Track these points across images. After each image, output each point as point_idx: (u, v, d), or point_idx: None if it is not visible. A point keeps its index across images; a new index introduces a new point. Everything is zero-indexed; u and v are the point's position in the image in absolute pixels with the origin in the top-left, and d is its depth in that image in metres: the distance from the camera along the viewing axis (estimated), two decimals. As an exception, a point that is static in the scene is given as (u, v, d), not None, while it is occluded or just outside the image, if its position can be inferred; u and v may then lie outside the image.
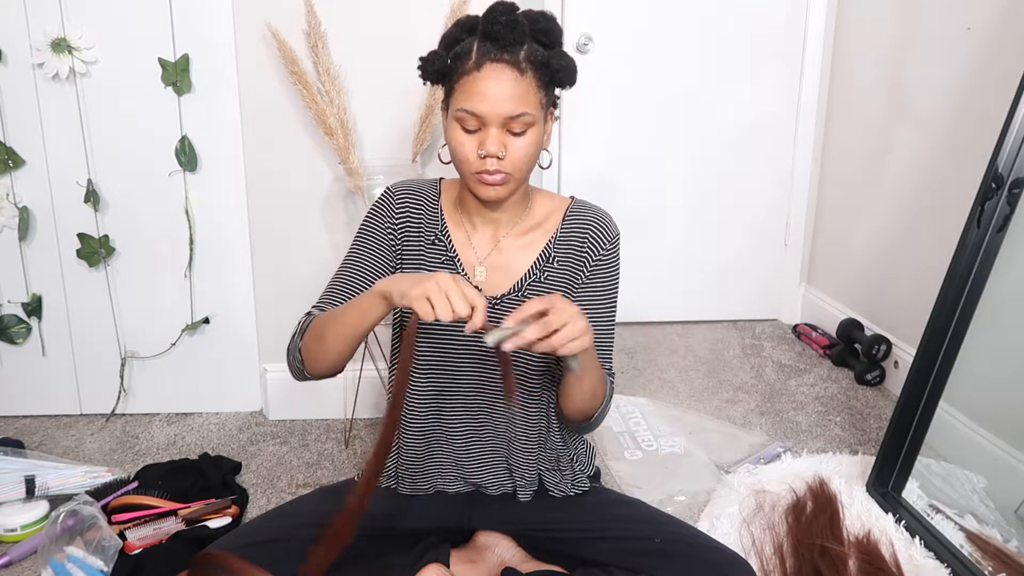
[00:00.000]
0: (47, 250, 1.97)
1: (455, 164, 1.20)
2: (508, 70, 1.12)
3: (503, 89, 1.12)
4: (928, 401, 1.56)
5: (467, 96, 1.13)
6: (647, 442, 1.94)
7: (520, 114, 1.13)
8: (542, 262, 1.27)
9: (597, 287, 1.29)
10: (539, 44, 1.16)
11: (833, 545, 1.44)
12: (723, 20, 2.50)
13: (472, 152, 1.15)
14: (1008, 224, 1.47)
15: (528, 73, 1.13)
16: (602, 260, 1.28)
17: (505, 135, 1.14)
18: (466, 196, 1.26)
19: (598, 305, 1.29)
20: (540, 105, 1.16)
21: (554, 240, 1.28)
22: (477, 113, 1.13)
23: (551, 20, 1.18)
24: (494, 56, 1.12)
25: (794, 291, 2.76)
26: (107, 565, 1.43)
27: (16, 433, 2.00)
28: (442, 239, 1.28)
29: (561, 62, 1.17)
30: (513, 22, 1.12)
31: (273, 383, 2.06)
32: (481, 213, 1.27)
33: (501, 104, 1.12)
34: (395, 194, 1.30)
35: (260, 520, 1.29)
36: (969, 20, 1.91)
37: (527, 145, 1.15)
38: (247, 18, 1.84)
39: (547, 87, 1.17)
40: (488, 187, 1.17)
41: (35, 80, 1.86)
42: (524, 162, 1.16)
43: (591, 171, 2.61)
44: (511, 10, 1.13)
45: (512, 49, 1.13)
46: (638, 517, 1.29)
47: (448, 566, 1.28)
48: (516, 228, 1.27)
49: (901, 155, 2.21)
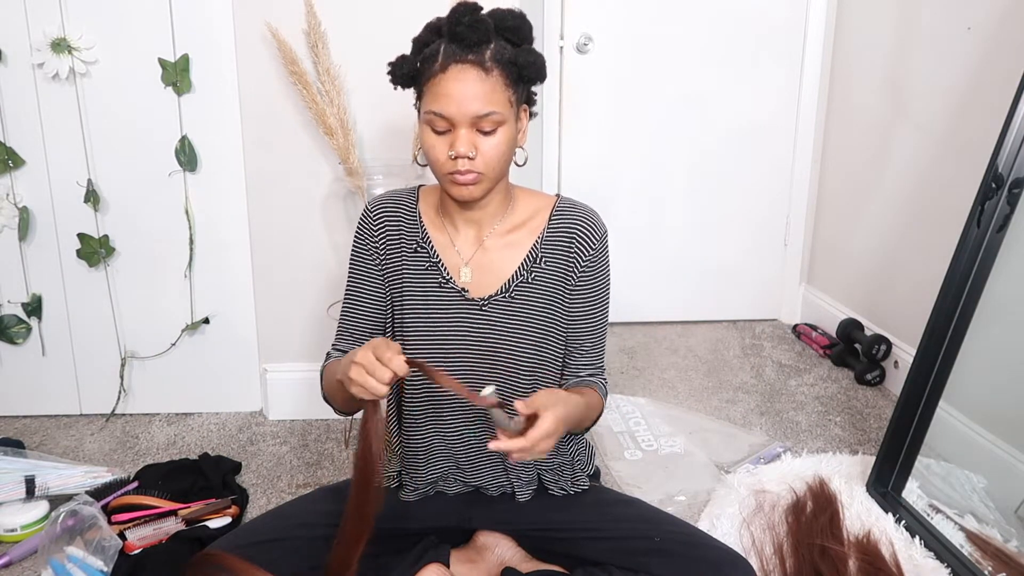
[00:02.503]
0: (47, 250, 1.97)
1: (430, 166, 1.20)
2: (472, 70, 1.12)
3: (468, 89, 1.12)
4: (928, 401, 1.56)
5: (434, 98, 1.14)
6: (647, 442, 1.94)
7: (488, 113, 1.13)
8: (529, 263, 1.26)
9: (589, 288, 1.29)
10: (507, 42, 1.16)
11: (833, 545, 1.44)
12: (723, 20, 2.50)
13: (443, 153, 1.15)
14: (1008, 224, 1.47)
15: (494, 72, 1.13)
16: (592, 260, 1.28)
17: (475, 135, 1.14)
18: (445, 198, 1.26)
19: (592, 307, 1.29)
20: (509, 103, 1.16)
21: (541, 240, 1.27)
22: (445, 115, 1.13)
23: (519, 17, 1.17)
24: (459, 57, 1.12)
25: (794, 291, 2.76)
26: (107, 565, 1.43)
27: (16, 433, 2.00)
28: (424, 246, 1.27)
29: (528, 58, 1.16)
30: (476, 22, 1.12)
31: (273, 383, 2.06)
32: (461, 214, 1.26)
33: (468, 104, 1.12)
34: (371, 211, 1.30)
35: (260, 520, 1.29)
36: (969, 20, 1.90)
37: (498, 144, 1.15)
38: (247, 18, 1.84)
39: (515, 84, 1.17)
40: (461, 187, 1.17)
41: (35, 80, 1.86)
42: (496, 161, 1.16)
43: (591, 171, 2.61)
44: (474, 10, 1.13)
45: (477, 49, 1.13)
46: (638, 516, 1.29)
47: (448, 566, 1.28)
48: (499, 227, 1.27)
49: (901, 155, 2.21)
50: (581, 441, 1.40)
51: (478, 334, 1.25)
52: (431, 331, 1.25)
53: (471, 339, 1.25)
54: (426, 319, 1.25)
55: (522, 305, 1.25)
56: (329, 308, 1.97)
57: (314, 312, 2.01)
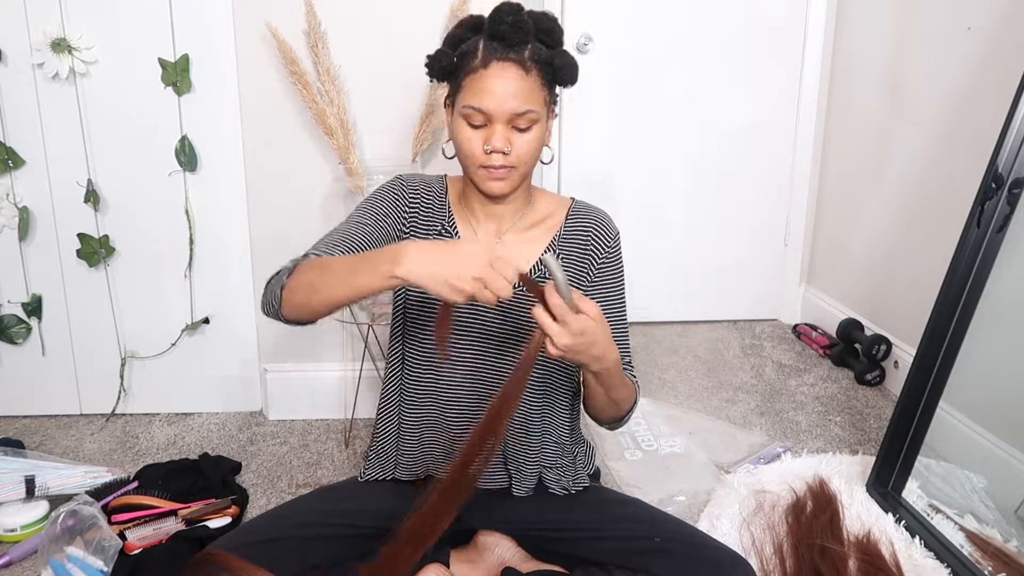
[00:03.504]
0: (47, 250, 1.97)
1: (460, 159, 1.22)
2: (514, 68, 1.16)
3: (509, 87, 1.15)
4: (928, 401, 1.56)
5: (474, 93, 1.16)
6: (647, 442, 1.94)
7: (526, 111, 1.16)
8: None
9: (606, 288, 1.30)
10: (542, 44, 1.20)
11: (833, 545, 1.44)
12: (723, 20, 2.50)
13: (478, 147, 1.18)
14: (1008, 224, 1.47)
15: (533, 72, 1.17)
16: (608, 260, 1.30)
17: (510, 131, 1.17)
18: (470, 191, 1.28)
19: (610, 306, 1.30)
20: (544, 103, 1.19)
21: (558, 238, 1.29)
22: (484, 110, 1.16)
23: (554, 21, 1.21)
24: (500, 55, 1.16)
25: (794, 291, 2.76)
26: (107, 565, 1.43)
27: (16, 433, 2.00)
28: (448, 230, 1.29)
29: (564, 60, 1.20)
30: (519, 22, 1.15)
31: (273, 383, 2.06)
32: (484, 208, 1.28)
33: (507, 101, 1.15)
34: (408, 186, 1.31)
35: (259, 520, 1.29)
36: (969, 20, 1.90)
37: (531, 140, 1.19)
38: (247, 18, 1.84)
39: (550, 85, 1.21)
40: (494, 181, 1.20)
41: (35, 80, 1.86)
42: (528, 157, 1.20)
43: (591, 171, 2.61)
44: (517, 10, 1.16)
45: (518, 48, 1.16)
46: (638, 516, 1.29)
47: (448, 566, 1.28)
48: (519, 224, 1.29)
49: (901, 155, 2.21)
50: (583, 441, 1.40)
51: (494, 324, 1.26)
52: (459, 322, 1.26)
53: (488, 328, 1.26)
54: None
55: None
56: (329, 308, 1.97)
57: (314, 312, 2.01)
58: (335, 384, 2.05)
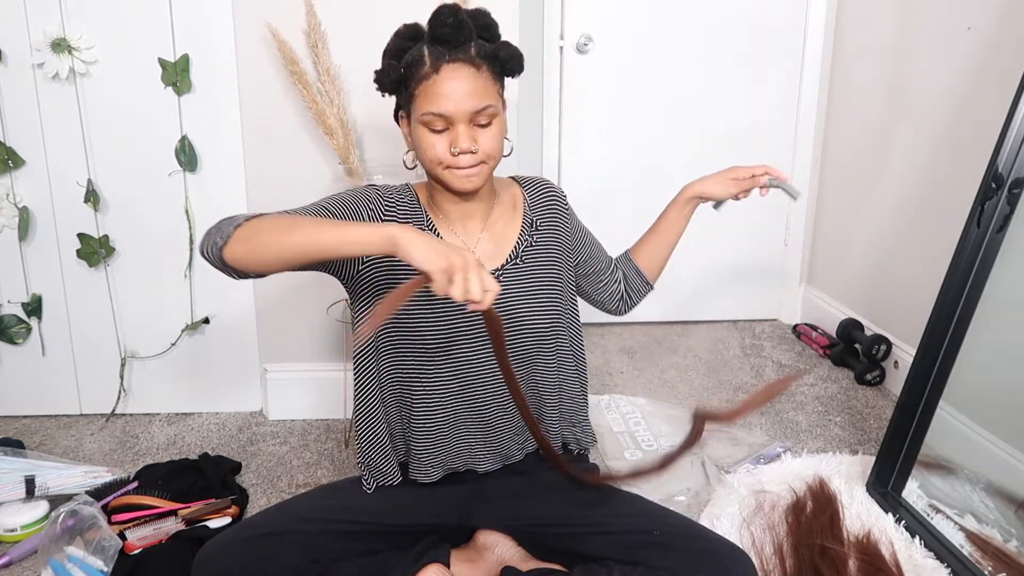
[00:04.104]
0: (47, 250, 1.97)
1: (426, 165, 1.24)
2: (465, 68, 1.17)
3: (464, 87, 1.17)
4: (928, 401, 1.56)
5: (431, 99, 1.17)
6: (647, 442, 1.94)
7: (484, 107, 1.18)
8: (527, 228, 1.33)
9: (581, 236, 1.42)
10: (484, 40, 1.21)
11: (833, 545, 1.44)
12: (723, 20, 2.50)
13: (444, 151, 1.19)
14: (1008, 224, 1.47)
15: (483, 68, 1.19)
16: (570, 217, 1.40)
17: (473, 129, 1.19)
18: (439, 195, 1.29)
19: (590, 244, 1.44)
20: (498, 95, 1.22)
21: (528, 210, 1.34)
22: (444, 114, 1.17)
23: (488, 15, 1.23)
24: (449, 57, 1.17)
25: (794, 291, 2.76)
26: (107, 565, 1.43)
27: (16, 433, 2.00)
28: (430, 230, 1.29)
29: (509, 52, 1.22)
30: (460, 23, 1.17)
31: (273, 383, 2.06)
32: (458, 207, 1.29)
33: (465, 101, 1.17)
34: (383, 194, 1.29)
35: (259, 515, 1.29)
36: (969, 20, 1.90)
37: (495, 135, 1.21)
38: (247, 18, 1.84)
39: (500, 78, 1.23)
40: (464, 178, 1.21)
41: (35, 80, 1.87)
42: (495, 150, 1.22)
43: (590, 171, 2.61)
44: (456, 11, 1.17)
45: (463, 48, 1.18)
46: (637, 511, 1.30)
47: (448, 566, 1.28)
48: (491, 217, 1.32)
49: (901, 155, 2.21)
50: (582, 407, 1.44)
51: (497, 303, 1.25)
52: (450, 308, 1.25)
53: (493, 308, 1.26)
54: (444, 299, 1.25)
55: (533, 268, 1.31)
56: (329, 308, 1.98)
57: (314, 312, 2.01)
58: (335, 384, 2.05)
